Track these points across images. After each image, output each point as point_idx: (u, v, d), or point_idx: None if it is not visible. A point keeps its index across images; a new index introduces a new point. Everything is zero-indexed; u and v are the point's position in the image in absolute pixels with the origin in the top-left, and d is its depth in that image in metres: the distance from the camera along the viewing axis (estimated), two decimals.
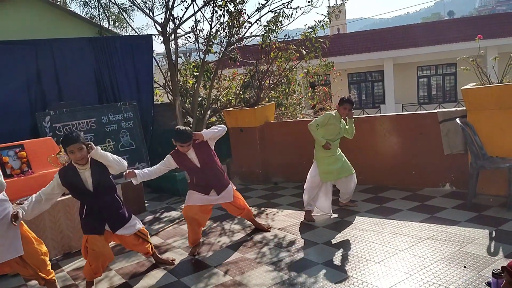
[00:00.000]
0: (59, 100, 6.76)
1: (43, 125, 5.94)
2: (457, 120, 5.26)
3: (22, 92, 6.52)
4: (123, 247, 4.77)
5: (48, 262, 3.63)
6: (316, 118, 5.22)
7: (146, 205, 6.51)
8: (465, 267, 3.56)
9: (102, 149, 3.72)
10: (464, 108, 5.59)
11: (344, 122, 5.24)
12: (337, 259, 4.03)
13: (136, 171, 4.13)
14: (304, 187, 5.29)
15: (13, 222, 3.33)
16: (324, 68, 8.52)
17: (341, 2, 8.20)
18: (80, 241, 4.78)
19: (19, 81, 6.50)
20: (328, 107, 9.75)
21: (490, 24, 18.32)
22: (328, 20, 7.60)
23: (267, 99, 8.01)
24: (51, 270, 3.64)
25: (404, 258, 3.86)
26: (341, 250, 4.23)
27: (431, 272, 3.55)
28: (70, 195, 4.74)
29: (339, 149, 5.28)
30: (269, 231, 4.94)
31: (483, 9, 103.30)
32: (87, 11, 10.74)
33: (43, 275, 3.53)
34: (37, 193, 3.62)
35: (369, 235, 4.53)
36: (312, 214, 5.24)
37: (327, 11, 7.98)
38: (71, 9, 10.11)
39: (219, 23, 7.68)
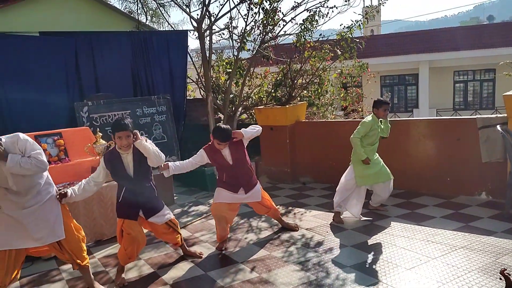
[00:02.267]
0: (96, 92, 6.93)
1: (81, 115, 6.11)
2: (498, 127, 5.07)
3: (61, 83, 6.72)
4: (152, 238, 4.86)
5: (85, 248, 3.71)
6: (357, 128, 5.03)
7: (174, 198, 6.59)
8: (501, 279, 3.43)
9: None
10: (505, 115, 5.38)
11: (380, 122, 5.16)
12: (366, 263, 3.96)
13: (169, 163, 4.20)
14: (337, 188, 5.22)
15: (60, 201, 3.51)
16: (358, 69, 8.40)
17: (379, 2, 8.03)
18: (111, 229, 4.91)
19: (58, 72, 6.71)
20: (359, 109, 9.62)
21: None
22: (365, 20, 7.47)
23: (298, 98, 7.97)
24: (86, 256, 3.71)
25: (436, 266, 3.76)
26: (371, 254, 4.15)
27: (464, 282, 3.44)
28: (104, 184, 4.87)
29: (377, 153, 5.19)
30: (297, 230, 4.91)
31: None
32: (125, 5, 10.96)
33: (78, 260, 3.61)
34: (87, 178, 3.82)
35: (400, 240, 4.43)
36: (341, 216, 5.17)
37: (364, 11, 7.85)
38: (110, 3, 10.33)
39: (254, 20, 7.69)
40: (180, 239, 4.28)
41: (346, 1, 7.50)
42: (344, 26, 7.68)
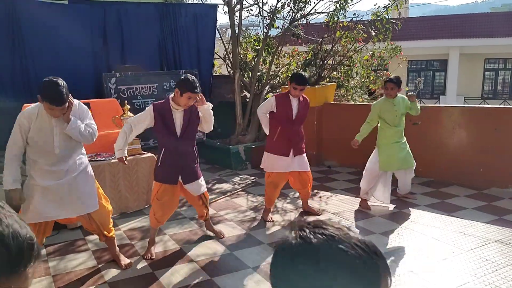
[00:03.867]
0: (123, 63, 6.86)
1: (109, 86, 6.06)
2: None
3: (88, 52, 6.66)
4: (177, 214, 4.84)
5: (111, 220, 3.71)
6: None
7: (200, 174, 6.54)
8: None
9: None
10: None
11: (405, 101, 4.91)
12: (395, 251, 3.85)
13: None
14: (363, 174, 5.07)
15: (125, 162, 3.66)
16: (390, 52, 8.11)
17: None
18: (136, 202, 4.91)
19: (86, 41, 6.64)
20: (381, 98, 9.33)
21: None
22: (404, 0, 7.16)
23: (327, 80, 7.76)
24: (112, 228, 3.71)
25: (470, 259, 3.63)
26: (400, 242, 4.04)
27: (500, 277, 3.31)
28: (130, 157, 4.84)
29: (404, 137, 4.99)
30: (320, 215, 4.81)
31: None
32: None
33: (105, 232, 3.60)
34: (125, 124, 3.74)
35: (431, 230, 4.30)
36: (368, 203, 5.04)
37: None
38: None
39: None
40: (207, 214, 4.23)
41: None
42: (379, 6, 7.39)
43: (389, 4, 7.12)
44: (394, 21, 7.08)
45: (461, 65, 19.27)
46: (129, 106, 5.05)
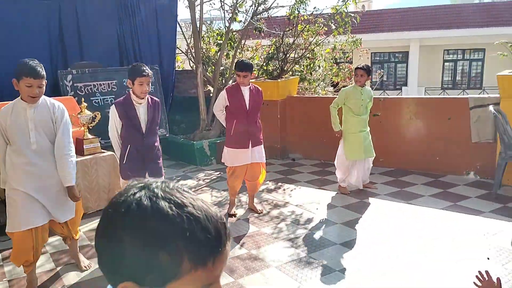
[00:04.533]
0: (80, 60, 6.66)
1: (65, 83, 5.88)
2: (490, 107, 5.04)
3: (44, 49, 6.42)
4: None
5: (80, 222, 3.64)
6: (335, 99, 5.15)
7: (163, 171, 6.48)
8: (488, 258, 3.46)
9: None
10: (497, 95, 5.35)
11: (371, 92, 5.14)
12: (356, 240, 3.95)
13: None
14: (336, 164, 5.26)
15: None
16: (351, 44, 8.25)
17: None
18: (96, 203, 4.81)
19: (41, 37, 6.40)
20: (350, 85, 9.51)
21: None
22: None
23: (290, 73, 7.82)
24: (79, 230, 3.66)
25: (423, 244, 3.77)
26: (361, 231, 4.15)
27: (449, 252, 3.45)
28: (89, 156, 4.73)
29: (368, 127, 5.14)
30: (260, 214, 4.71)
31: None
32: None
33: (73, 235, 3.51)
34: (111, 133, 3.69)
35: (389, 219, 4.43)
36: (343, 186, 5.28)
37: None
38: None
39: None
40: None
41: None
42: (339, 0, 7.48)
43: None
44: (352, 15, 7.20)
45: (421, 57, 19.83)
46: (86, 104, 4.92)
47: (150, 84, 3.60)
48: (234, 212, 4.72)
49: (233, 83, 4.49)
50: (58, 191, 3.19)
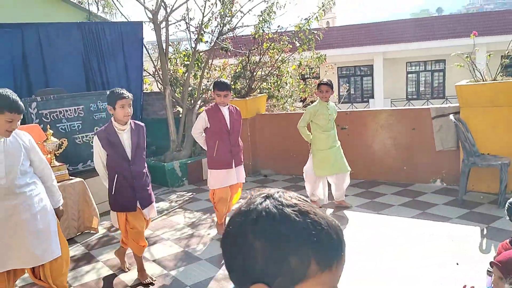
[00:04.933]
0: (46, 86, 6.55)
1: (30, 111, 5.75)
2: (451, 116, 5.25)
3: (7, 77, 6.29)
4: (110, 238, 4.69)
5: (67, 272, 3.24)
6: (302, 117, 5.13)
7: (153, 198, 6.38)
8: (457, 264, 3.56)
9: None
10: (457, 104, 5.58)
11: (333, 106, 5.18)
12: None
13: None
14: (304, 178, 5.26)
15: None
16: (316, 60, 8.45)
17: None
18: (66, 231, 4.68)
19: (4, 65, 6.28)
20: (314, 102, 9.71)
21: (479, 22, 18.44)
22: (322, 12, 7.51)
23: (258, 91, 7.92)
24: (67, 284, 3.21)
25: (398, 252, 3.85)
26: None
27: (423, 266, 3.54)
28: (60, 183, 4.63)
29: (338, 141, 5.15)
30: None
31: (471, 6, 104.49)
32: None
33: (55, 285, 3.04)
34: (96, 164, 3.55)
35: (363, 230, 4.51)
36: (315, 200, 5.24)
37: (322, 3, 7.89)
38: None
39: (211, 11, 7.55)
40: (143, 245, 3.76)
41: None
42: (302, 18, 7.69)
43: (309, 16, 7.43)
44: (315, 32, 7.40)
45: (386, 69, 20.47)
46: (51, 131, 4.85)
47: (132, 107, 3.48)
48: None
49: (211, 104, 4.45)
50: (34, 225, 2.85)
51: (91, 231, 4.99)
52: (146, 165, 3.67)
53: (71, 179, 4.95)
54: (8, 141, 2.79)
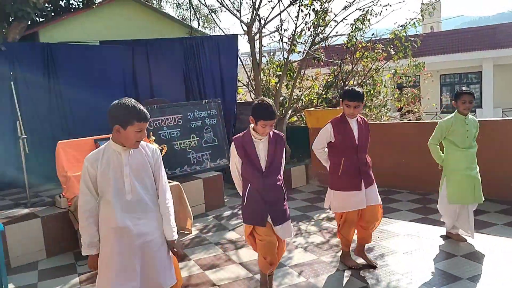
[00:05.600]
0: (151, 97, 7.23)
1: None
2: None
3: (119, 88, 7.09)
4: (202, 239, 4.97)
5: None
6: (433, 133, 4.34)
7: (225, 200, 6.69)
8: None
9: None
10: None
11: (474, 120, 4.27)
12: (418, 270, 3.79)
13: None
14: (438, 207, 4.51)
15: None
16: (413, 68, 8.09)
17: None
18: None
19: (117, 77, 7.07)
20: (416, 110, 9.26)
21: None
22: (421, 17, 7.18)
23: None
24: None
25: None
26: (423, 262, 3.98)
27: None
28: None
29: (476, 166, 4.26)
30: (375, 268, 3.93)
31: None
32: (179, 12, 11.34)
33: None
34: (232, 171, 3.39)
35: (457, 249, 4.20)
36: (459, 233, 4.43)
37: (420, 8, 7.55)
38: (164, 11, 10.72)
39: (304, 22, 7.66)
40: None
41: None
42: (399, 25, 7.43)
43: (406, 22, 7.16)
44: (412, 39, 7.10)
45: (496, 77, 18.74)
46: (154, 137, 5.30)
47: (273, 126, 3.20)
48: (356, 264, 3.98)
49: (338, 116, 3.84)
50: (156, 250, 2.66)
51: (185, 232, 5.33)
52: (281, 178, 3.34)
53: (169, 182, 5.34)
54: (134, 153, 2.63)
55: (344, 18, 7.61)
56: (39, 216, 4.77)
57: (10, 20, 7.09)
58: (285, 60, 7.92)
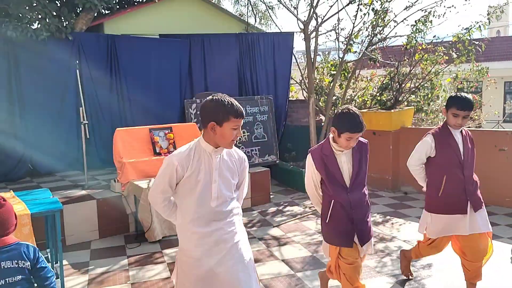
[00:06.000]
0: (205, 90, 7.40)
1: (190, 111, 6.56)
2: None
3: (175, 81, 7.31)
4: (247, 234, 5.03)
5: None
6: None
7: (271, 196, 6.73)
8: None
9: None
10: None
11: None
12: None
13: None
14: None
15: None
16: (476, 74, 7.70)
17: (506, 2, 7.28)
18: None
19: (173, 70, 7.30)
20: (476, 117, 8.82)
21: None
22: (487, 21, 6.82)
23: (406, 103, 7.57)
24: None
25: None
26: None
27: None
28: None
29: None
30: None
31: None
32: (237, 8, 11.49)
33: None
34: (308, 186, 3.05)
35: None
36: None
37: (487, 11, 7.17)
38: (222, 7, 10.89)
39: (362, 22, 7.50)
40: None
41: (466, 0, 6.92)
42: (463, 28, 7.11)
43: (471, 25, 6.82)
44: (477, 42, 6.75)
45: None
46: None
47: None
48: (411, 273, 3.83)
49: (439, 127, 3.37)
50: (236, 260, 2.40)
51: None
52: (367, 191, 3.01)
53: None
54: (223, 158, 2.40)
55: (404, 19, 7.36)
56: (95, 198, 5.05)
57: (78, 11, 7.49)
58: (340, 59, 7.81)
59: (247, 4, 10.78)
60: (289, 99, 8.61)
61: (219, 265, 2.32)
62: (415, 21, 7.11)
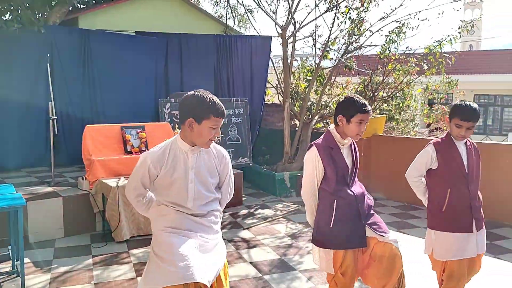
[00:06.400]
0: (180, 90, 7.34)
1: (163, 111, 6.50)
2: None
3: (150, 80, 7.24)
4: None
5: None
6: None
7: (243, 199, 6.72)
8: None
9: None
10: None
11: None
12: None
13: None
14: None
15: None
16: (446, 85, 7.94)
17: (477, 17, 7.53)
18: None
19: (149, 69, 7.22)
20: (444, 128, 9.08)
21: None
22: (458, 34, 7.04)
23: (378, 111, 7.72)
24: None
25: None
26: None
27: None
28: None
29: None
30: None
31: None
32: (216, 10, 11.48)
33: None
34: (308, 194, 2.80)
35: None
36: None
37: (459, 25, 7.41)
38: (202, 7, 10.86)
39: (339, 29, 7.63)
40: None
41: (439, 14, 7.13)
42: (434, 40, 7.32)
43: (442, 38, 7.03)
44: (447, 55, 6.96)
45: None
46: (179, 130, 5.38)
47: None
48: None
49: (442, 137, 3.08)
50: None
51: None
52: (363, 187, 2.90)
53: None
54: (202, 155, 2.33)
55: (379, 29, 7.54)
56: (61, 195, 4.93)
57: (53, 4, 7.32)
58: (316, 65, 7.90)
59: (226, 6, 10.79)
60: (265, 102, 8.64)
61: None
62: (389, 32, 7.28)
